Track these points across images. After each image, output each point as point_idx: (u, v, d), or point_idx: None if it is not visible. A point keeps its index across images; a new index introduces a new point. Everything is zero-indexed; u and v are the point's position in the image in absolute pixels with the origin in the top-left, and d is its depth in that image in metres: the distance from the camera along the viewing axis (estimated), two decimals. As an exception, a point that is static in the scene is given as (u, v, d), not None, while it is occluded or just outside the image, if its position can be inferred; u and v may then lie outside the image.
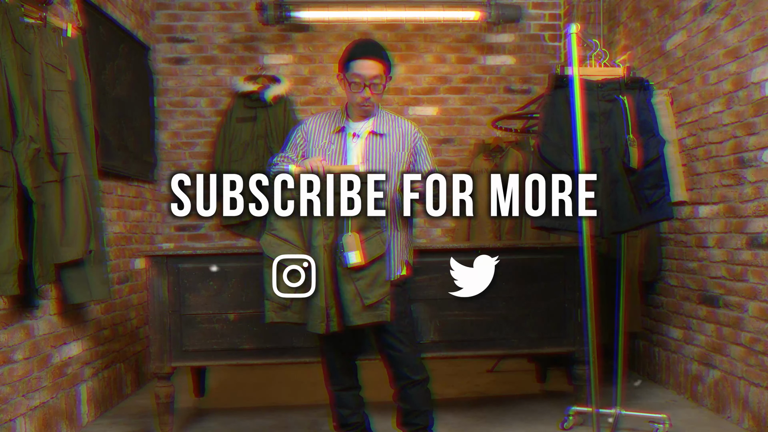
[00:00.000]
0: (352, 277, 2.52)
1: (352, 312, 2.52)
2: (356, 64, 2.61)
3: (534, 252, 3.48)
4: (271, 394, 4.19)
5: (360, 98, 2.64)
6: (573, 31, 3.04)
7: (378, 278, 2.56)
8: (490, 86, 5.25)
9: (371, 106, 2.69)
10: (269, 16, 4.84)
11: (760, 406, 3.12)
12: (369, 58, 2.61)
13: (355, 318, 2.52)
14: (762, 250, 3.11)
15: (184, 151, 5.08)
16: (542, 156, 3.09)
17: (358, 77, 2.61)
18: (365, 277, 2.53)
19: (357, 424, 2.83)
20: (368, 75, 2.60)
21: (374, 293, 2.54)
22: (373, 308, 2.54)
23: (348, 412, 2.81)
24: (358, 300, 2.52)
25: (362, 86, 2.61)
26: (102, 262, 3.23)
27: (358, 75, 2.61)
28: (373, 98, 2.66)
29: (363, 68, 2.60)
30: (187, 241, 5.03)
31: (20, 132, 2.70)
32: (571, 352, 3.41)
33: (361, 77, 2.60)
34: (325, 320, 2.52)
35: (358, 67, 2.60)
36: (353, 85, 2.63)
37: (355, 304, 2.52)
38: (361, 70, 2.60)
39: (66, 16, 3.31)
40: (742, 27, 3.23)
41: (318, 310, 2.51)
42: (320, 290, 2.52)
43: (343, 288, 2.52)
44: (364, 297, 2.53)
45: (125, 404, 3.93)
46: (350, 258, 2.51)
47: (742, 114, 3.26)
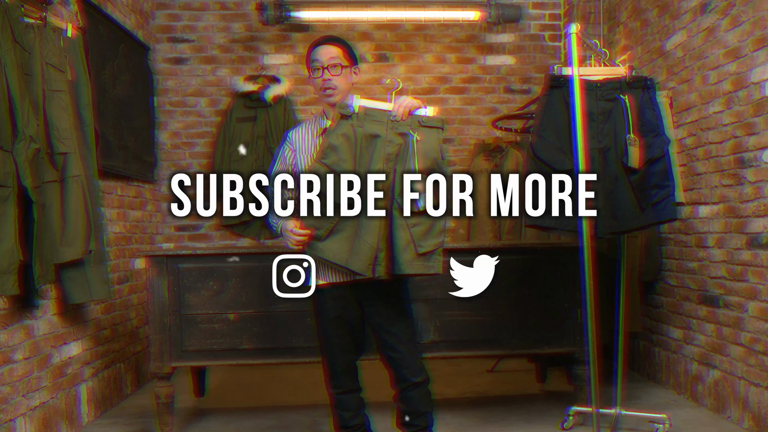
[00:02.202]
0: (408, 223, 2.43)
1: (404, 260, 2.43)
2: (314, 52, 2.67)
3: (534, 252, 3.48)
4: (271, 394, 4.20)
5: (320, 81, 2.63)
6: (573, 31, 3.04)
7: (434, 227, 2.47)
8: (490, 86, 5.25)
9: (334, 90, 2.64)
10: (269, 16, 4.84)
11: (760, 406, 3.12)
12: (324, 44, 2.67)
13: (406, 266, 2.43)
14: (762, 250, 3.11)
15: (184, 151, 5.08)
16: (536, 155, 3.08)
17: (316, 62, 2.64)
18: (421, 224, 2.45)
19: (358, 425, 2.82)
20: (324, 58, 2.62)
21: (428, 242, 2.46)
22: (425, 258, 2.46)
23: (349, 414, 2.80)
24: (411, 247, 2.43)
25: (320, 69, 2.62)
26: (102, 262, 3.23)
27: (315, 60, 2.65)
28: (334, 81, 2.62)
29: (318, 53, 2.65)
30: (187, 241, 5.03)
31: (20, 132, 2.70)
32: (571, 352, 3.41)
33: (318, 61, 2.63)
34: (373, 263, 2.43)
35: (315, 53, 2.66)
36: (313, 71, 2.65)
37: (408, 251, 2.43)
38: (317, 55, 2.65)
39: (66, 16, 3.31)
40: (742, 27, 3.23)
41: (368, 249, 2.41)
42: (374, 228, 2.42)
43: (398, 234, 2.43)
44: (418, 245, 2.44)
45: (125, 404, 3.93)
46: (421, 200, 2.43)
47: (742, 114, 3.26)
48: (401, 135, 2.49)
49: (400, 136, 2.49)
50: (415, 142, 2.47)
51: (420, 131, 2.50)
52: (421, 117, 2.51)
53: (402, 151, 2.48)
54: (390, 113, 2.50)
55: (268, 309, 3.25)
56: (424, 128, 2.51)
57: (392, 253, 2.44)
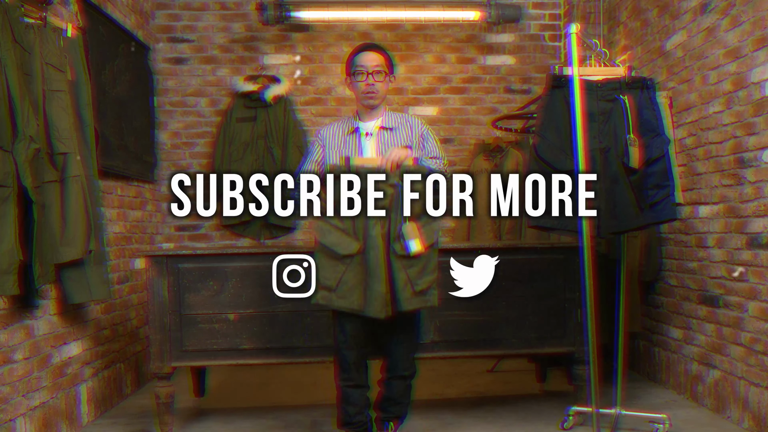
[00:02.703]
0: (404, 265, 2.67)
1: (403, 298, 2.67)
2: (358, 57, 2.88)
3: (534, 252, 3.47)
4: (271, 394, 4.19)
5: (364, 85, 2.84)
6: (573, 31, 3.04)
7: (427, 266, 2.72)
8: (490, 86, 5.25)
9: (376, 95, 2.87)
10: (269, 16, 4.84)
11: (760, 406, 3.12)
12: (370, 51, 2.89)
13: (405, 303, 2.67)
14: (762, 250, 3.11)
15: (184, 151, 5.08)
16: (539, 155, 3.09)
17: (361, 67, 2.85)
18: (415, 265, 2.68)
19: (361, 423, 2.84)
20: (370, 64, 2.85)
21: (423, 280, 2.70)
22: (421, 294, 2.71)
23: (354, 410, 2.84)
24: (408, 287, 2.67)
25: (365, 74, 2.84)
26: (102, 262, 3.23)
27: (360, 65, 2.85)
28: (377, 86, 2.85)
29: (364, 59, 2.86)
30: (187, 241, 5.03)
31: (20, 132, 2.70)
32: (571, 352, 3.41)
33: (364, 67, 2.85)
34: (385, 306, 2.65)
35: (360, 59, 2.87)
36: (357, 75, 2.86)
37: (406, 290, 2.67)
38: (363, 61, 2.86)
39: (66, 16, 3.31)
40: (742, 27, 3.23)
41: (379, 296, 2.64)
42: (381, 277, 2.65)
43: (396, 276, 2.66)
44: (415, 284, 2.68)
45: (125, 404, 3.93)
46: (412, 246, 2.65)
47: (742, 114, 3.26)
48: (392, 186, 2.70)
49: (390, 187, 2.70)
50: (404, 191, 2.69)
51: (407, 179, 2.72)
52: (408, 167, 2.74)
53: (394, 201, 2.68)
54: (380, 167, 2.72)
55: (268, 309, 3.25)
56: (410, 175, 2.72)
57: (394, 293, 2.67)
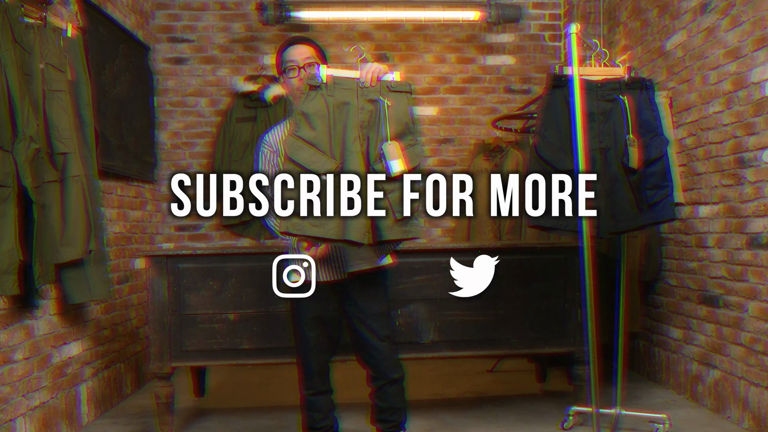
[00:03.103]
0: (385, 189, 2.46)
1: (384, 225, 2.47)
2: (287, 52, 2.68)
3: (534, 252, 3.47)
4: (271, 394, 4.19)
5: (297, 81, 2.64)
6: (573, 31, 3.04)
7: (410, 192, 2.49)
8: (490, 86, 5.25)
9: None
10: (269, 16, 4.84)
11: (760, 406, 3.12)
12: (298, 44, 2.69)
13: (386, 232, 2.47)
14: (762, 250, 3.11)
15: (184, 151, 5.08)
16: (539, 155, 3.09)
17: (291, 62, 2.65)
18: (397, 190, 2.48)
19: (327, 427, 2.81)
20: (300, 57, 2.65)
21: (405, 207, 2.49)
22: (403, 223, 2.50)
23: (319, 416, 2.78)
24: (390, 213, 2.47)
25: (297, 69, 2.64)
26: (102, 262, 3.23)
27: (290, 60, 2.66)
28: None
29: (293, 53, 2.66)
30: (187, 241, 5.03)
31: (20, 132, 2.70)
32: (571, 352, 3.41)
33: (294, 61, 2.65)
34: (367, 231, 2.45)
35: (289, 54, 2.67)
36: (288, 71, 2.66)
37: (388, 217, 2.47)
38: (292, 55, 2.66)
39: (66, 16, 3.31)
40: (742, 27, 3.23)
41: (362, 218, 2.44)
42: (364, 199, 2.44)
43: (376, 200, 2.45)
44: (396, 211, 2.48)
45: (125, 404, 3.93)
46: (393, 166, 2.45)
47: (742, 114, 3.26)
48: (372, 101, 2.50)
49: (370, 103, 2.50)
50: (386, 108, 2.49)
51: (389, 96, 2.51)
52: (390, 82, 2.53)
53: (374, 118, 2.49)
54: (358, 80, 2.51)
55: (268, 309, 3.25)
56: (393, 93, 2.52)
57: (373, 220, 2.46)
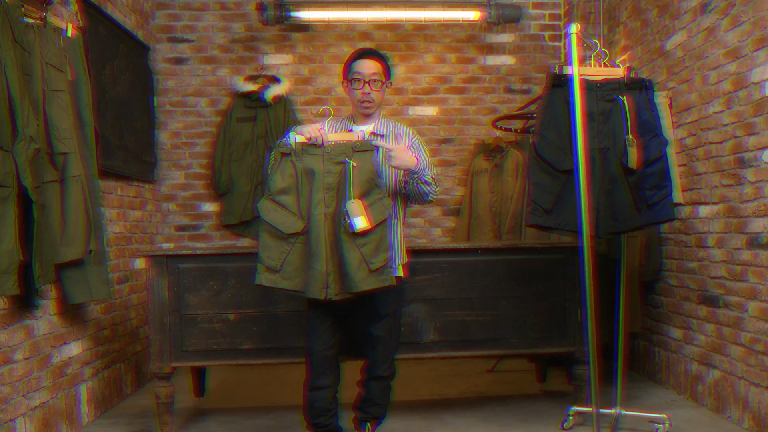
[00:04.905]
0: (357, 244, 2.59)
1: (358, 278, 2.58)
2: (356, 63, 2.83)
3: (534, 252, 3.47)
4: (271, 394, 4.19)
5: (360, 93, 2.81)
6: (573, 31, 3.04)
7: (382, 243, 2.64)
8: (490, 86, 5.25)
9: (371, 104, 2.84)
10: (269, 16, 4.85)
11: (760, 406, 3.12)
12: (367, 58, 2.84)
13: (361, 284, 2.59)
14: (762, 250, 3.11)
15: (184, 151, 5.08)
16: (539, 155, 3.09)
17: (358, 74, 2.81)
18: (369, 243, 2.60)
19: (328, 424, 2.86)
20: (367, 72, 2.80)
21: (379, 258, 2.62)
22: (378, 273, 2.61)
23: (320, 411, 2.84)
24: (363, 265, 2.59)
25: (362, 83, 2.80)
26: (102, 262, 3.23)
27: (357, 72, 2.81)
28: (372, 95, 2.82)
29: (362, 66, 2.81)
30: (187, 241, 5.03)
31: (20, 132, 2.70)
32: (571, 352, 3.41)
33: (361, 74, 2.80)
34: (325, 287, 2.59)
35: (358, 66, 2.82)
36: (354, 82, 2.82)
37: (361, 270, 2.59)
38: (360, 68, 2.81)
39: (66, 16, 3.31)
40: (742, 27, 3.23)
41: (319, 275, 2.59)
42: (321, 256, 2.59)
43: (348, 255, 2.58)
44: (370, 262, 2.59)
45: (125, 404, 3.93)
46: (357, 223, 2.57)
47: (742, 114, 3.26)
48: (338, 164, 2.66)
49: (337, 166, 2.66)
50: (351, 169, 2.64)
51: (355, 157, 2.67)
52: (355, 143, 2.69)
53: (342, 179, 2.64)
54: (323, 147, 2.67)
55: (268, 309, 3.25)
56: (358, 153, 2.68)
57: (344, 273, 2.59)
